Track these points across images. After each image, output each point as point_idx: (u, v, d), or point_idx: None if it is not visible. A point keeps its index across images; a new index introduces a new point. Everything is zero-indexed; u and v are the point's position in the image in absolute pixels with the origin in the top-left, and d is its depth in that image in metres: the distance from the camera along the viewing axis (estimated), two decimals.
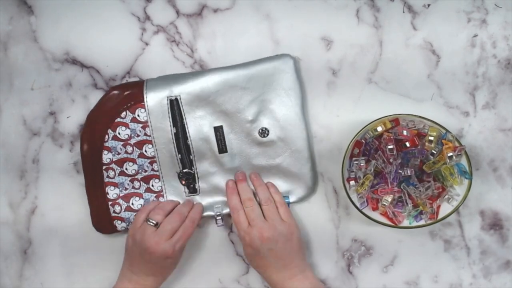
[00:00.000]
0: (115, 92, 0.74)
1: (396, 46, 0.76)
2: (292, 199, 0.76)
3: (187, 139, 0.73)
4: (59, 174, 0.78)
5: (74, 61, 0.77)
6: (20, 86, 0.77)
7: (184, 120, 0.73)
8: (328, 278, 0.78)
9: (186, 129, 0.73)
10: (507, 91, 0.76)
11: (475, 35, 0.75)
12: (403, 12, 0.76)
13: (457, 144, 0.70)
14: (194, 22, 0.77)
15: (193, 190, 0.76)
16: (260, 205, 0.73)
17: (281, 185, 0.75)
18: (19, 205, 0.78)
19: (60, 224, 0.78)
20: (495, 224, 0.77)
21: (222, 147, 0.74)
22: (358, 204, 0.72)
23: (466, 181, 0.71)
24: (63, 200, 0.78)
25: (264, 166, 0.75)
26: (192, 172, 0.75)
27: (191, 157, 0.74)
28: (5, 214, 0.79)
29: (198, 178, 0.75)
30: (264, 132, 0.73)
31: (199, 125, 0.73)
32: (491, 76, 0.75)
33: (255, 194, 0.74)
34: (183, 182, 0.75)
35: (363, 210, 0.72)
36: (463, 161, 0.70)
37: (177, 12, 0.76)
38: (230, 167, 0.74)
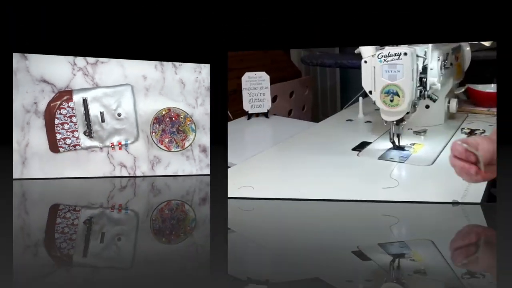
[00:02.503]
0: (60, 94, 1.68)
1: None
2: None
3: (89, 115, 1.68)
4: None
5: None
6: None
7: (88, 108, 1.68)
8: None
9: (89, 113, 1.69)
10: None
11: None
12: None
13: None
14: None
15: (90, 137, 1.70)
16: None
17: None
18: None
19: None
20: None
21: (102, 120, 1.70)
22: None
23: None
24: None
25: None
26: (89, 130, 1.70)
27: (90, 123, 1.70)
28: None
29: (92, 132, 1.69)
30: (120, 114, 1.71)
31: (93, 110, 1.70)
32: None
33: None
34: (85, 134, 1.69)
35: None
36: None
37: None
38: (106, 129, 1.70)
